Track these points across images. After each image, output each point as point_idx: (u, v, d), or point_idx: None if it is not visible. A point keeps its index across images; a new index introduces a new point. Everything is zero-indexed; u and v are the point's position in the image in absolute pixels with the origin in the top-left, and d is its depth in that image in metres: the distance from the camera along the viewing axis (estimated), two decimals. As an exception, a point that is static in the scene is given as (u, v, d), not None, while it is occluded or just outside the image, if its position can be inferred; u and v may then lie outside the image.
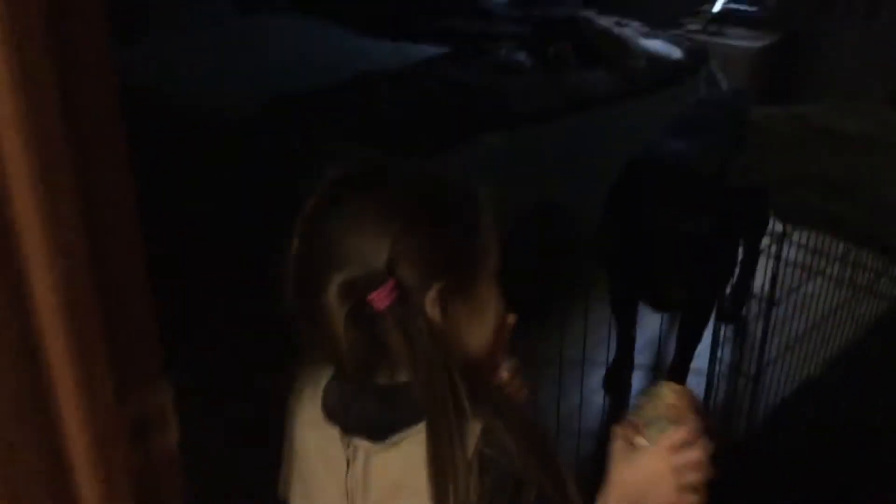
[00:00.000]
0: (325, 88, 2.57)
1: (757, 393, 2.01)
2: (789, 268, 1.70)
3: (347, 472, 0.77)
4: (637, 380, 2.30)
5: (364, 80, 2.63)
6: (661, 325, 2.29)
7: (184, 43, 3.00)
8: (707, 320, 2.16)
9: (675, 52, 2.95)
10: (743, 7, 3.59)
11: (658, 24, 3.32)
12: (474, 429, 0.71)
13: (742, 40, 3.56)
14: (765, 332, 1.84)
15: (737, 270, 2.27)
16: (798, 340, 1.95)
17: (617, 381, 2.24)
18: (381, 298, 0.68)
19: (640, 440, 0.79)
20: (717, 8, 3.52)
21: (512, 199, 2.41)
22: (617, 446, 0.80)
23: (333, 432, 0.78)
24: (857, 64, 3.45)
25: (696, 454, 0.77)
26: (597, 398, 2.18)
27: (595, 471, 0.81)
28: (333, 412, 0.78)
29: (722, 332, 2.06)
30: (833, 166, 1.41)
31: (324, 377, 0.80)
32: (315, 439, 0.81)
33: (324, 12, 3.47)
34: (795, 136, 1.48)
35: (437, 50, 3.12)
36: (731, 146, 1.83)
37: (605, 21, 3.00)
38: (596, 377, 2.24)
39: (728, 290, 2.29)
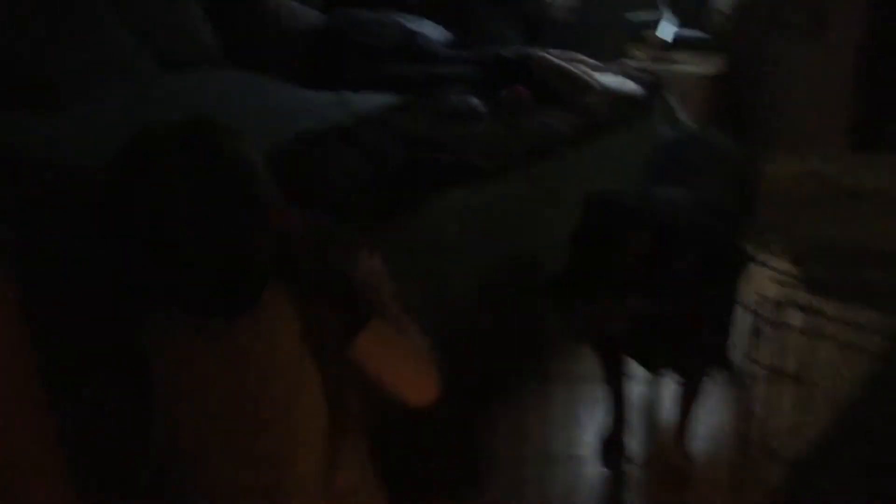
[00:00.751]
0: (265, 150, 2.34)
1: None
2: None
3: None
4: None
5: (307, 139, 2.42)
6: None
7: (103, 110, 2.74)
8: (701, 379, 2.00)
9: (631, 86, 2.83)
10: (691, 32, 3.50)
11: (602, 55, 3.21)
12: None
13: (693, 67, 3.47)
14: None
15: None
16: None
17: (614, 449, 2.06)
18: None
19: None
20: (669, 36, 3.43)
21: (480, 256, 2.25)
22: None
23: None
24: (807, 87, 3.40)
25: None
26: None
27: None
28: None
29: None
30: (861, 230, 1.27)
31: None
32: None
33: (258, 64, 3.25)
34: (815, 196, 1.34)
35: (382, 98, 2.94)
36: (726, 198, 1.68)
37: (557, 57, 2.86)
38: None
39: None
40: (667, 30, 3.45)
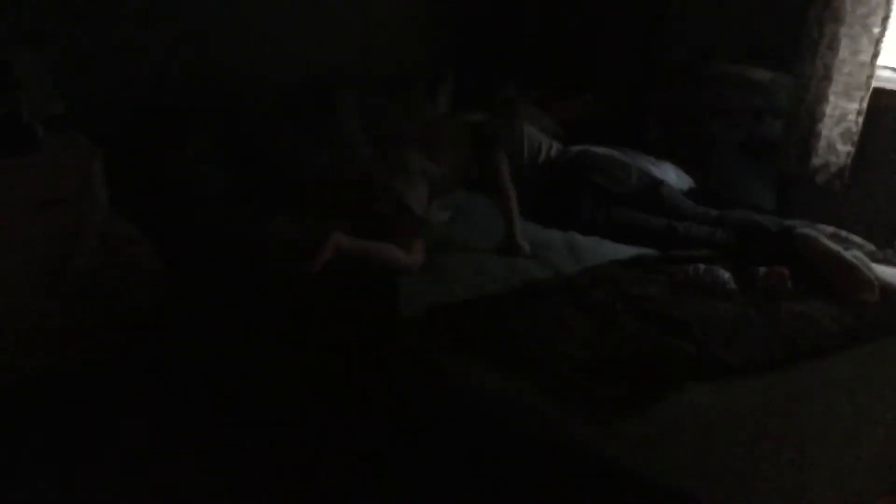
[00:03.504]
0: (486, 298, 2.19)
1: None
2: None
3: None
4: None
5: (533, 295, 2.23)
6: None
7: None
8: None
9: (916, 284, 2.40)
10: None
11: (870, 237, 2.80)
12: None
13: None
14: None
15: None
16: None
17: None
18: None
19: None
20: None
21: (721, 463, 1.91)
22: None
23: None
24: None
25: None
26: None
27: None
28: None
29: None
30: None
31: None
32: None
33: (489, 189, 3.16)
34: None
35: (613, 247, 2.71)
36: None
37: (827, 236, 2.50)
38: None
39: None
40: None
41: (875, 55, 3.19)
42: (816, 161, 3.38)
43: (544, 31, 4.03)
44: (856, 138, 3.29)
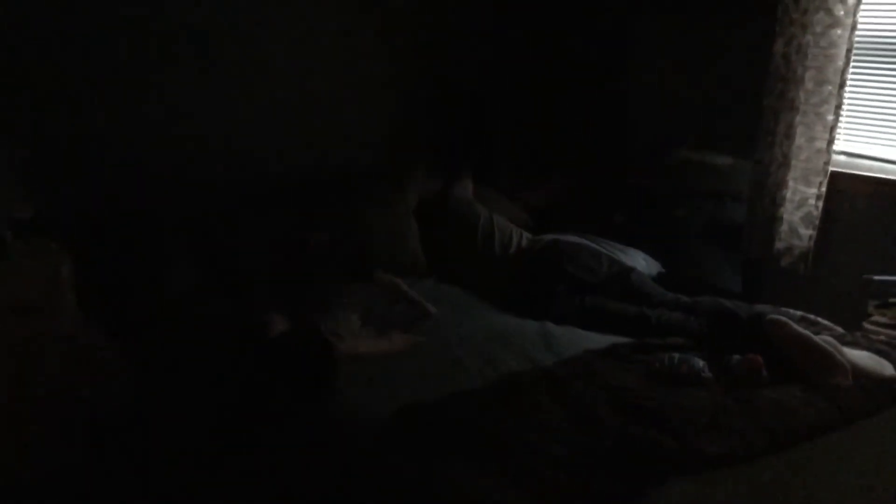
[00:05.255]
0: (464, 395, 2.16)
1: None
2: None
3: None
4: None
5: (511, 390, 2.21)
6: None
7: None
8: None
9: (886, 367, 2.42)
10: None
11: (836, 317, 2.84)
12: None
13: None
14: None
15: None
16: None
17: None
18: None
19: None
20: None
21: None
22: None
23: None
24: None
25: None
26: None
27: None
28: None
29: None
30: None
31: None
32: None
33: (463, 280, 3.18)
34: None
35: (587, 336, 2.72)
36: None
37: (795, 321, 2.53)
38: None
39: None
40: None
41: (830, 142, 3.31)
42: (780, 245, 3.46)
43: (510, 122, 4.13)
44: (817, 222, 3.38)
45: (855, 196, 3.38)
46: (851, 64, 3.24)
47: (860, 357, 2.42)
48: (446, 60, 3.86)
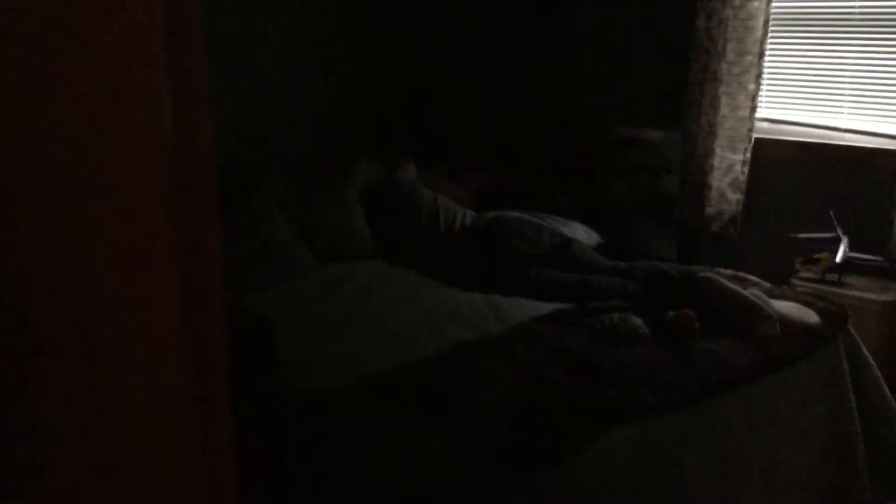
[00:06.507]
0: (416, 367, 2.25)
1: None
2: None
3: None
4: None
5: (462, 356, 2.31)
6: None
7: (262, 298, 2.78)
8: None
9: (811, 316, 2.59)
10: (868, 257, 3.26)
11: (766, 275, 3.01)
12: None
13: (868, 293, 3.20)
14: None
15: None
16: None
17: None
18: None
19: None
20: (839, 259, 3.20)
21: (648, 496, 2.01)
22: None
23: None
24: None
25: None
26: None
27: None
28: None
29: None
30: None
31: None
32: None
33: (410, 260, 3.26)
34: None
35: (533, 306, 2.84)
36: None
37: (726, 278, 2.69)
38: None
39: None
40: (841, 253, 3.23)
41: (753, 109, 3.48)
42: (710, 210, 3.63)
43: (449, 106, 4.23)
44: (744, 187, 3.55)
45: (778, 160, 3.57)
46: (769, 34, 3.41)
47: (786, 308, 2.59)
48: (383, 46, 3.94)
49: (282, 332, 2.54)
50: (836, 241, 3.26)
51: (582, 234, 3.58)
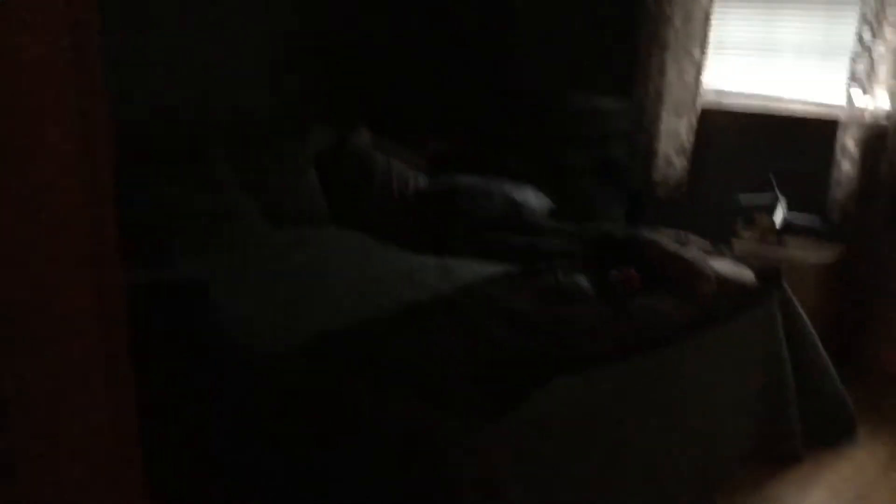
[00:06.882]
0: (368, 326, 2.31)
1: None
2: None
3: None
4: None
5: (412, 315, 2.38)
6: None
7: (215, 262, 2.81)
8: None
9: (746, 273, 2.71)
10: (805, 219, 3.39)
11: (710, 236, 3.12)
12: None
13: (806, 254, 3.34)
14: None
15: None
16: None
17: None
18: None
19: None
20: (778, 221, 3.33)
21: (587, 449, 2.11)
22: None
23: None
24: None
25: None
26: None
27: None
28: None
29: None
30: None
31: None
32: None
33: (363, 224, 3.30)
34: None
35: (484, 268, 2.91)
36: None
37: (668, 240, 2.79)
38: None
39: None
40: (778, 214, 3.36)
41: (698, 75, 3.58)
42: (657, 175, 3.73)
43: (407, 72, 4.25)
44: (689, 152, 3.66)
45: (723, 126, 3.67)
46: (715, 2, 3.50)
47: (724, 267, 2.70)
48: (336, 12, 3.93)
49: (233, 294, 2.59)
50: (776, 204, 3.39)
51: (533, 198, 3.65)
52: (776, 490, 2.61)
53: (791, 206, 3.40)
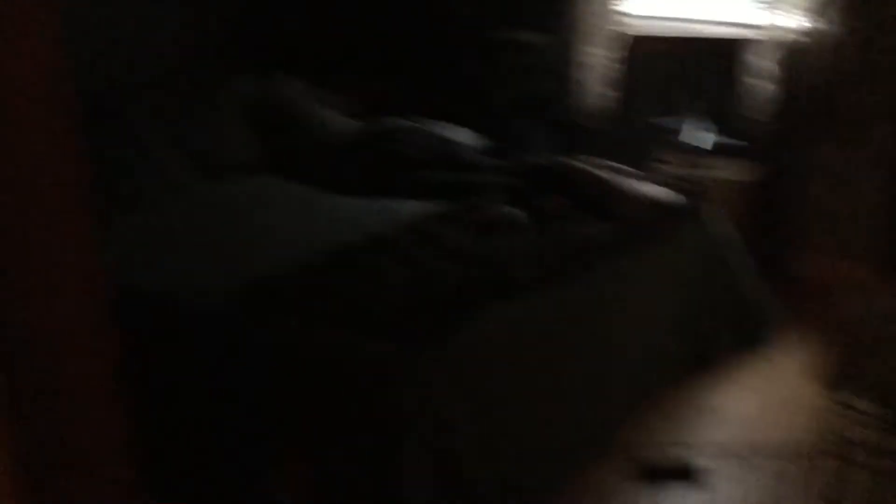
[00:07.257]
0: (306, 267, 2.35)
1: None
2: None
3: None
4: None
5: (349, 254, 2.41)
6: None
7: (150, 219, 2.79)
8: None
9: (672, 195, 2.81)
10: (726, 139, 3.50)
11: (635, 162, 3.21)
12: None
13: (729, 174, 3.46)
14: None
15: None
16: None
17: None
18: None
19: None
20: (703, 143, 3.43)
21: (524, 371, 2.19)
22: None
23: None
24: (846, 197, 3.38)
25: None
26: None
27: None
28: None
29: None
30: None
31: None
32: None
33: (297, 172, 3.30)
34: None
35: (421, 206, 2.95)
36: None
37: (597, 167, 2.87)
38: None
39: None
40: (701, 136, 3.46)
41: (619, 3, 3.63)
42: (584, 106, 3.80)
43: (333, 17, 4.21)
44: (615, 82, 3.72)
45: (648, 53, 3.74)
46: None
47: (650, 189, 2.79)
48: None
49: (167, 247, 2.59)
50: (699, 127, 3.49)
51: (465, 137, 3.69)
52: (706, 398, 2.76)
53: (715, 128, 3.50)
